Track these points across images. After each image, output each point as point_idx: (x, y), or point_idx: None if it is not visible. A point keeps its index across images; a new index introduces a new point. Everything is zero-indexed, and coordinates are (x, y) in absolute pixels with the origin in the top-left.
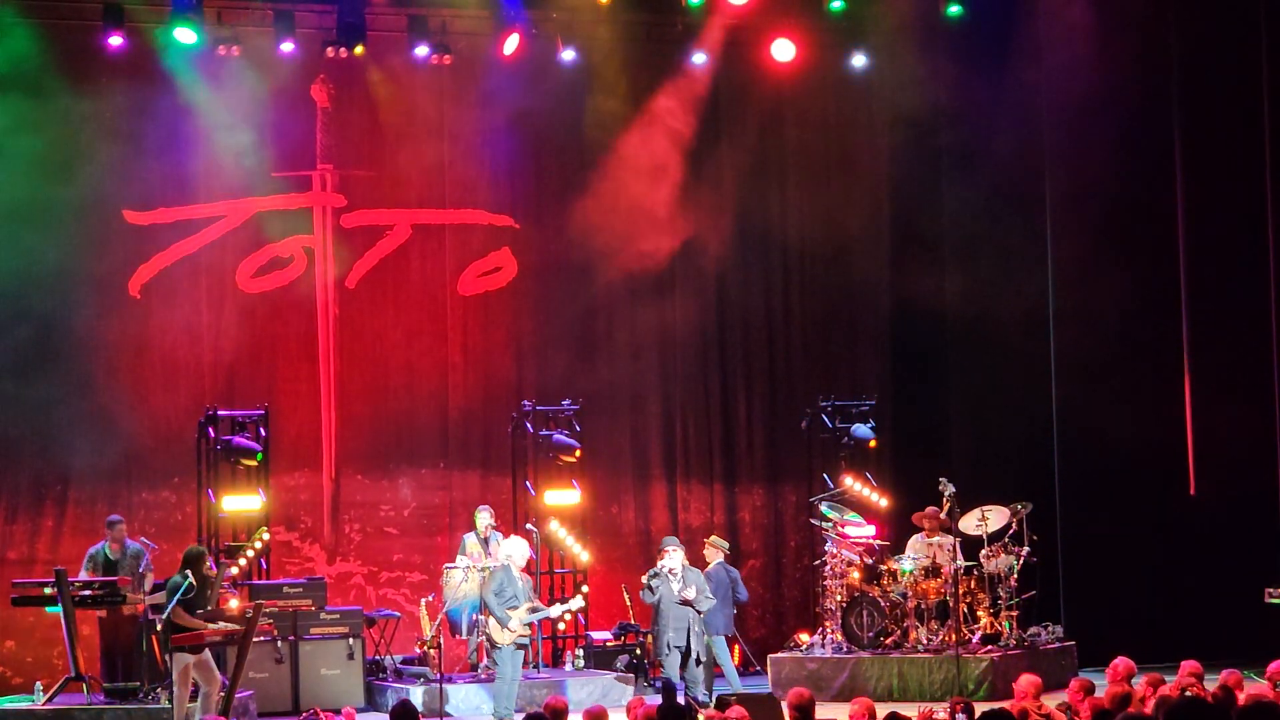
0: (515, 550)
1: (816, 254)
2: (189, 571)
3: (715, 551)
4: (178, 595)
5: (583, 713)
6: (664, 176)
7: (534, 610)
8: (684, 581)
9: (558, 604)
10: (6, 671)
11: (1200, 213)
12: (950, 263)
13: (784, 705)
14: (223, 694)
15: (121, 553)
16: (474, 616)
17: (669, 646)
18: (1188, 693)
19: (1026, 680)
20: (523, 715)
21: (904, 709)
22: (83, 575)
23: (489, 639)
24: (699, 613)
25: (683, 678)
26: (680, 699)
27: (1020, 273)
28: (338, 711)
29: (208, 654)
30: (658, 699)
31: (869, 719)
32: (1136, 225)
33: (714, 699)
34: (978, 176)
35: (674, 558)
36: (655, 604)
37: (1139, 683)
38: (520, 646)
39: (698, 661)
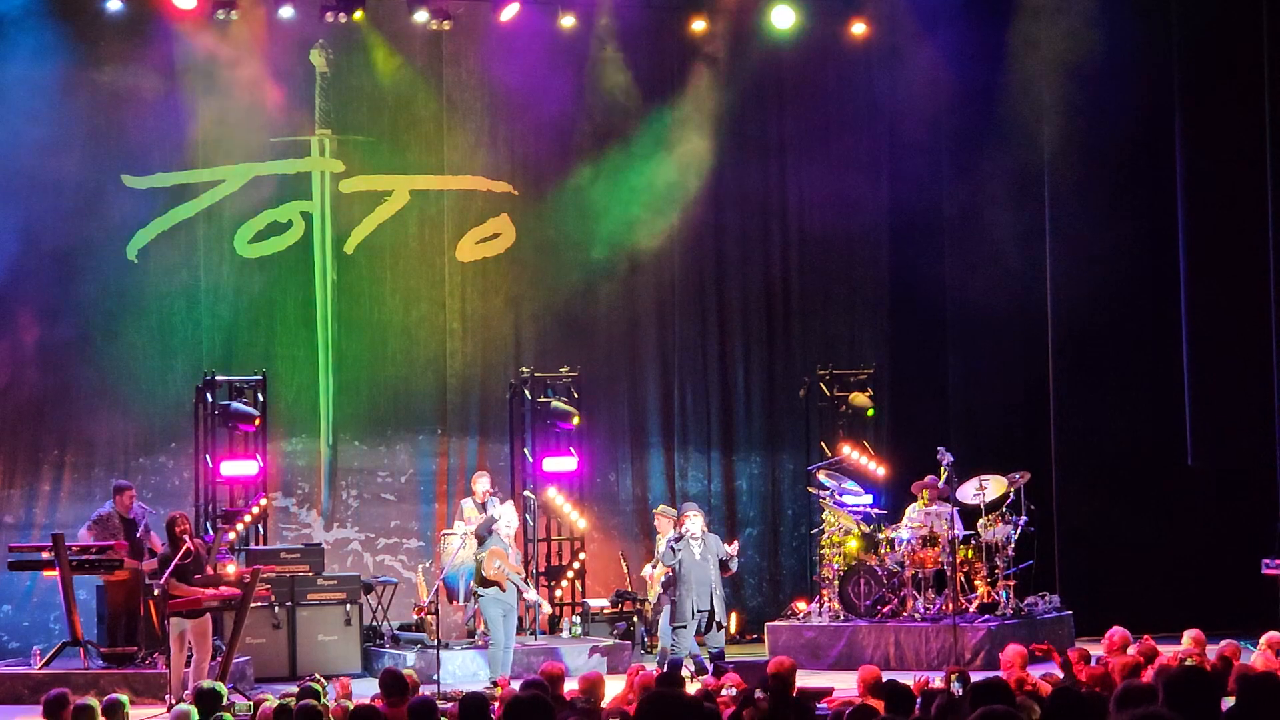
0: (503, 517)
1: (816, 222)
2: (168, 540)
3: (665, 521)
4: (169, 566)
5: (579, 679)
6: (663, 144)
7: (520, 574)
8: (705, 546)
9: (532, 590)
10: (3, 636)
11: (1200, 183)
12: (949, 232)
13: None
14: (219, 660)
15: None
16: (471, 583)
17: (693, 611)
18: (1188, 663)
19: (1013, 650)
20: (520, 681)
21: (900, 678)
22: (88, 539)
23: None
24: (730, 573)
25: (702, 642)
26: (688, 668)
27: (1020, 242)
28: (331, 678)
29: (207, 619)
30: (655, 666)
31: (873, 685)
32: (1136, 195)
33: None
34: (978, 145)
35: (695, 521)
36: (675, 568)
37: (1132, 650)
38: (507, 613)
39: (719, 625)
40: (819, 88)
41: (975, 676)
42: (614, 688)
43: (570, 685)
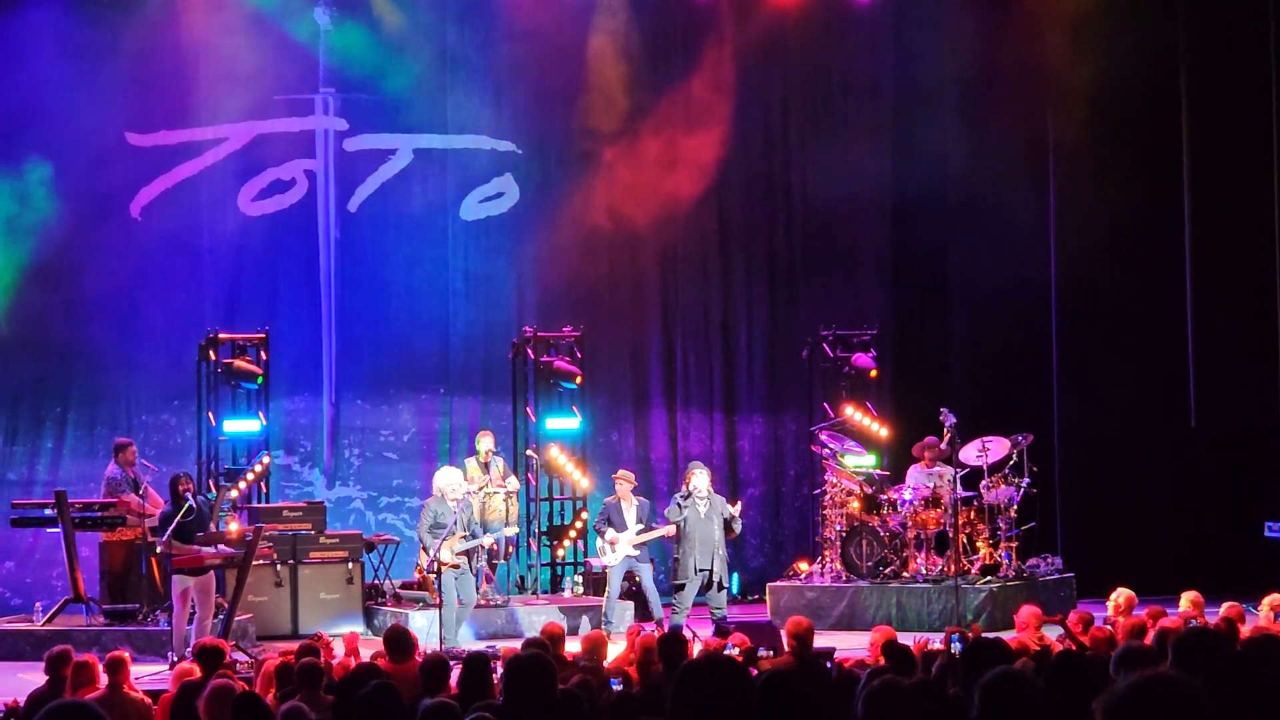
0: (448, 481)
1: (820, 184)
2: (170, 501)
3: (625, 485)
4: (172, 523)
5: (580, 638)
6: (667, 104)
7: (467, 539)
8: (710, 505)
9: (489, 533)
10: (5, 592)
11: (1206, 147)
12: (953, 193)
13: (782, 633)
14: (221, 618)
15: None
16: (498, 538)
17: (695, 570)
18: (1192, 624)
19: (1027, 611)
20: (522, 640)
21: (902, 638)
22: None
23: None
24: (734, 534)
25: (704, 602)
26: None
27: (1024, 204)
28: (322, 635)
29: (210, 577)
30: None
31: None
32: (1142, 158)
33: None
34: (982, 106)
35: (701, 479)
36: (681, 525)
37: (1140, 614)
38: (461, 574)
39: (719, 586)
40: (823, 51)
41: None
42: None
43: (572, 646)
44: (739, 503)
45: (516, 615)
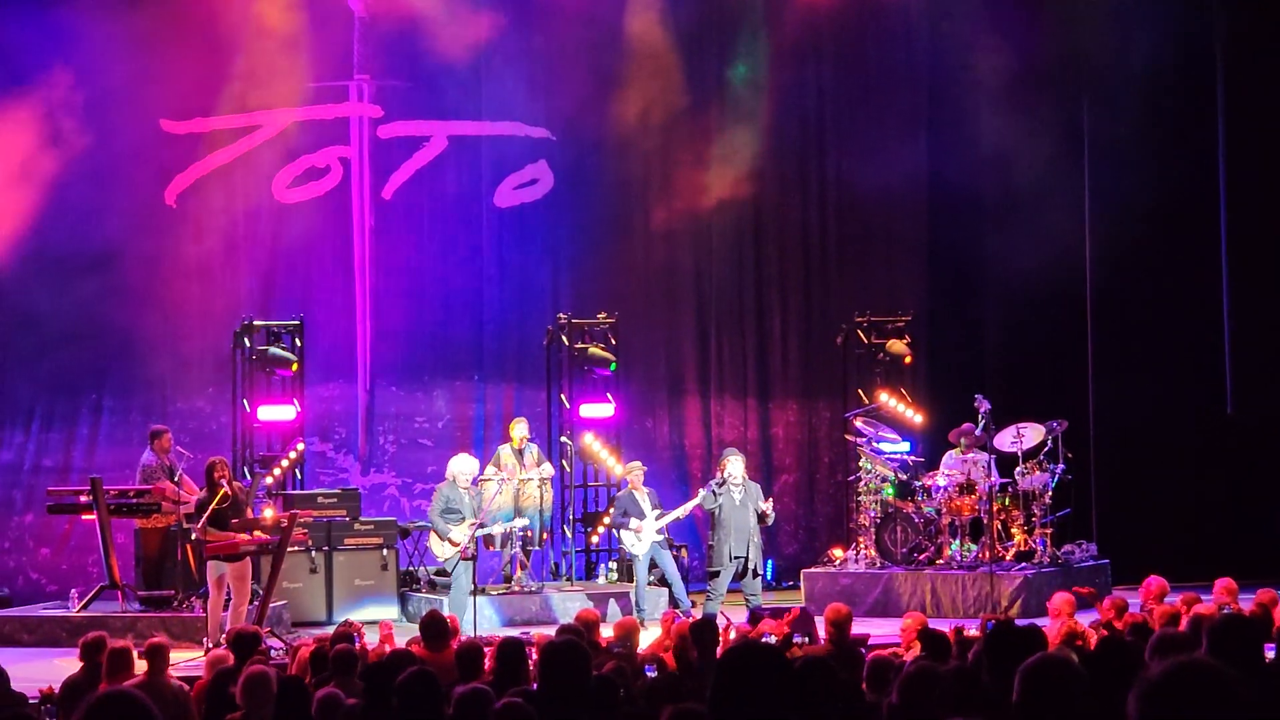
0: (461, 468)
1: (854, 170)
2: (205, 486)
3: (638, 475)
4: (207, 510)
5: (614, 625)
6: (701, 89)
7: (480, 526)
8: (745, 492)
9: (499, 522)
10: (41, 579)
11: (1242, 132)
12: (988, 180)
13: (819, 620)
14: (256, 604)
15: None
16: (507, 528)
17: (730, 557)
18: (1226, 610)
19: (1060, 598)
20: (555, 627)
21: (937, 625)
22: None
23: (431, 553)
24: (766, 525)
25: (739, 589)
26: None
27: (1058, 189)
28: (352, 622)
29: (246, 563)
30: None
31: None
32: (1177, 144)
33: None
34: (1016, 88)
35: (736, 465)
36: (715, 512)
37: (1174, 601)
38: (469, 559)
39: (754, 573)
40: (860, 39)
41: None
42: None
43: (607, 633)
44: (770, 500)
45: (550, 602)
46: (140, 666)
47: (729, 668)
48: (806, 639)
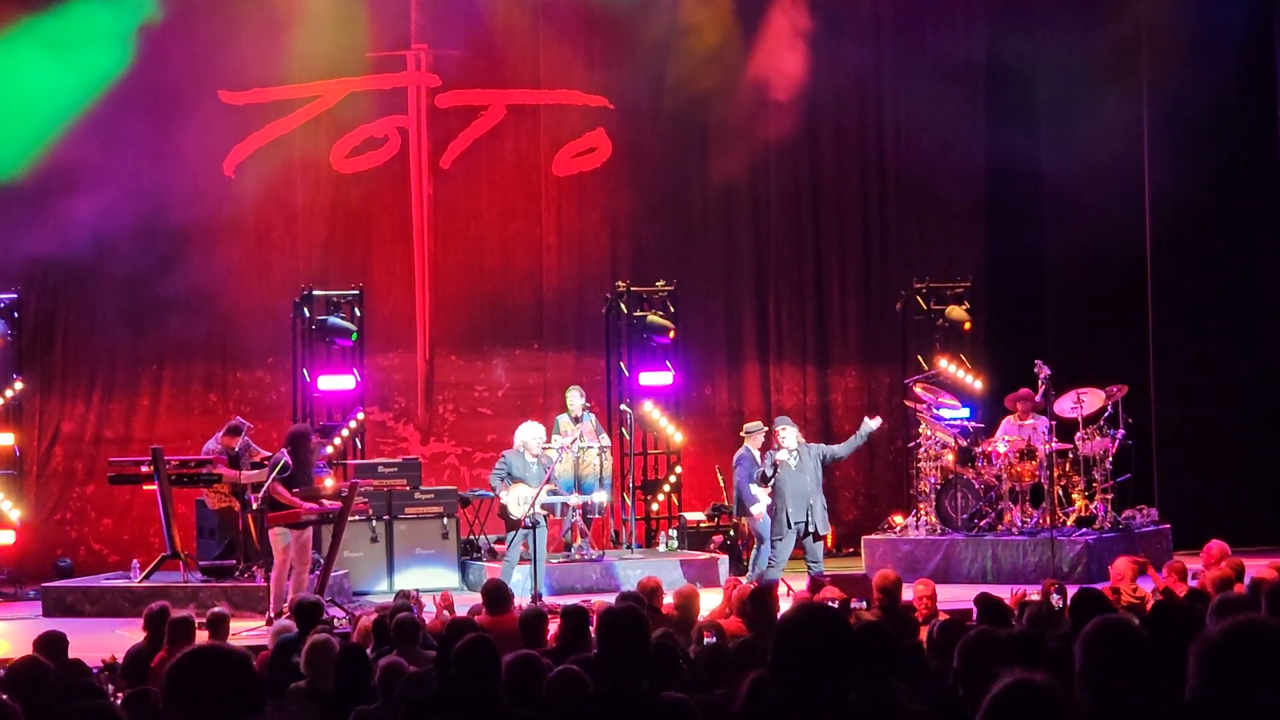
0: (529, 435)
1: (912, 135)
2: (288, 450)
3: (759, 437)
4: (274, 472)
5: (673, 592)
6: (759, 56)
7: (553, 494)
8: (799, 458)
9: (582, 492)
10: (104, 549)
11: None
12: (1047, 148)
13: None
14: (317, 573)
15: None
16: (586, 500)
17: (789, 524)
18: None
19: (1123, 561)
20: (616, 594)
21: (997, 590)
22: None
23: (505, 517)
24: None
25: (800, 555)
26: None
27: (1120, 155)
28: (410, 592)
29: (308, 532)
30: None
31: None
32: (1239, 103)
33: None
34: (1073, 50)
35: (789, 434)
36: (774, 481)
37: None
38: (530, 527)
39: (816, 537)
40: (919, 7)
41: (1073, 590)
42: (710, 601)
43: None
44: (877, 417)
45: (614, 569)
46: (201, 636)
47: (790, 631)
48: (865, 604)
